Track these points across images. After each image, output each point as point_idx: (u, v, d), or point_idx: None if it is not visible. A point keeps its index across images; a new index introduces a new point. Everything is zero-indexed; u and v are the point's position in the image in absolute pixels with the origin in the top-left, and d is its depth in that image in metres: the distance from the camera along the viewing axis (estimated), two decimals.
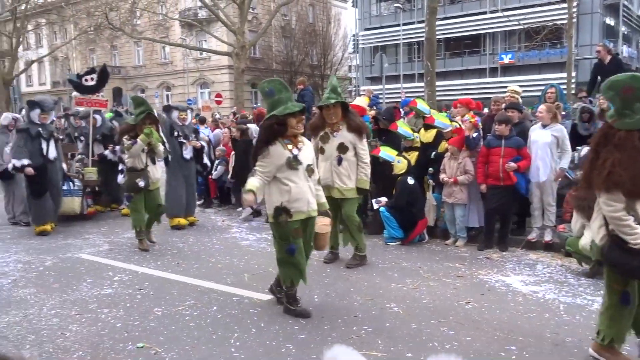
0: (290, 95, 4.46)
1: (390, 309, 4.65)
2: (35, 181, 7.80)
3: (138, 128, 6.73)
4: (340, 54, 36.35)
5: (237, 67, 21.68)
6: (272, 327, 4.28)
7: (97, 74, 9.27)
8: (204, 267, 6.10)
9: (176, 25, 33.11)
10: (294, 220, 4.35)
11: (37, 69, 40.06)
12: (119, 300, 4.98)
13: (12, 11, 25.48)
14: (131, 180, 6.75)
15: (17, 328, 4.34)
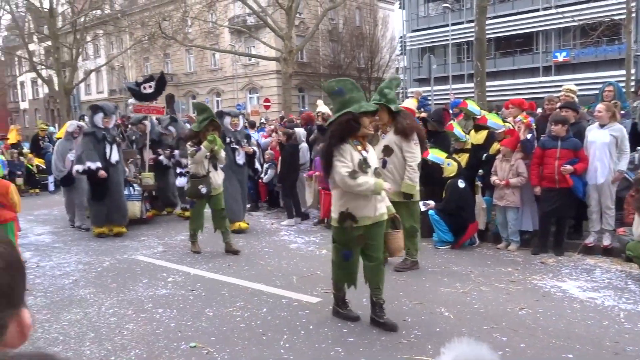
0: (362, 95, 4.30)
1: (441, 313, 4.58)
2: (98, 184, 8.00)
3: (201, 135, 6.77)
4: (388, 57, 36.14)
5: (284, 71, 21.92)
6: (321, 329, 4.30)
7: (154, 82, 9.44)
8: (253, 269, 6.19)
9: (225, 32, 33.81)
10: (359, 226, 4.18)
11: (95, 78, 41.75)
12: (173, 301, 5.12)
13: (73, 24, 26.68)
14: (194, 186, 6.81)
15: (78, 326, 4.54)
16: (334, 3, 25.67)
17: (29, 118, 49.05)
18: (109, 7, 29.85)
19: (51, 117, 42.43)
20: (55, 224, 9.51)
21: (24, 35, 28.96)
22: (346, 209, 4.17)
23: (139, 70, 39.34)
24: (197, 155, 6.69)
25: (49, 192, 13.89)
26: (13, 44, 36.61)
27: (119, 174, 8.33)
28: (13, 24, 29.80)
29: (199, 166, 6.79)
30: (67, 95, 26.03)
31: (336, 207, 4.27)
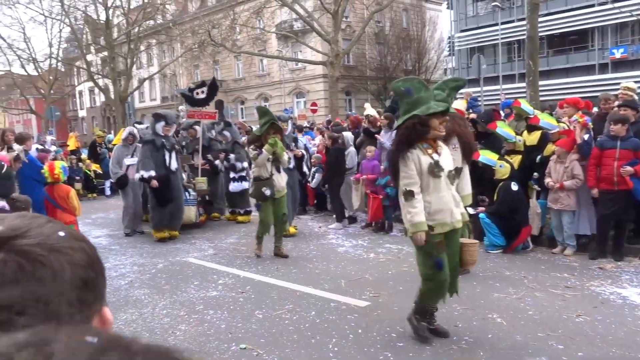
0: (432, 94, 4.07)
1: (493, 319, 4.46)
2: (160, 191, 8.14)
3: (263, 138, 6.80)
4: (436, 58, 35.66)
5: (331, 75, 21.99)
6: (369, 333, 4.27)
7: (207, 87, 9.56)
8: (302, 272, 6.22)
9: (273, 38, 34.24)
10: (436, 233, 3.92)
11: (148, 85, 43.10)
12: (223, 303, 5.22)
13: (127, 34, 27.70)
14: (258, 189, 6.84)
15: (134, 325, 4.69)
16: (381, 6, 25.58)
17: (87, 125, 51.14)
18: (161, 17, 30.80)
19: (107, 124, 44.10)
20: (111, 227, 9.86)
21: (82, 47, 30.28)
22: None
23: (189, 77, 40.38)
24: (259, 158, 6.75)
25: (106, 196, 14.43)
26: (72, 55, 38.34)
27: (179, 181, 8.51)
28: (72, 37, 31.24)
29: (262, 169, 6.82)
30: (122, 103, 27.02)
31: None
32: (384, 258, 6.72)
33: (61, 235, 0.69)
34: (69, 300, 0.66)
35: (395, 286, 5.51)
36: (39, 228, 0.69)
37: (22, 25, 31.97)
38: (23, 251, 0.65)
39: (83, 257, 0.70)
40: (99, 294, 0.73)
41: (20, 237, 0.66)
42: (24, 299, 0.63)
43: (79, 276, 0.68)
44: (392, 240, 7.69)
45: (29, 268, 0.64)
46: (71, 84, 44.71)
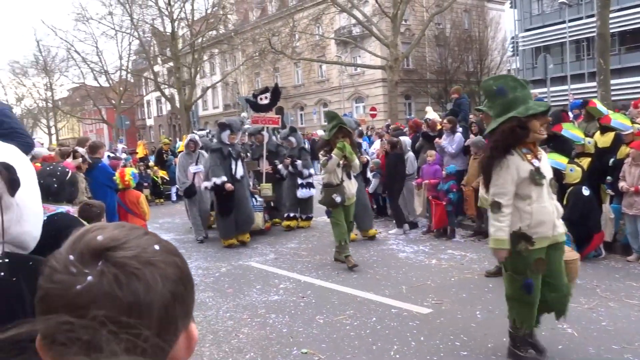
0: (529, 92, 3.65)
1: (563, 329, 4.27)
2: (224, 200, 8.15)
3: (332, 143, 6.64)
4: (499, 59, 34.69)
5: (390, 79, 21.84)
6: (432, 341, 4.19)
7: (270, 93, 9.57)
8: (362, 277, 6.20)
9: (332, 43, 34.44)
10: (536, 248, 3.50)
11: (211, 94, 44.42)
12: (285, 307, 5.28)
13: (192, 45, 28.72)
14: (328, 196, 6.65)
15: (199, 328, 4.80)
16: (441, 7, 25.19)
17: (154, 133, 53.28)
18: (223, 27, 31.70)
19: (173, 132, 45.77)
20: (177, 231, 10.20)
21: (150, 58, 31.65)
22: (518, 228, 3.50)
23: (250, 85, 41.26)
24: (329, 164, 6.55)
25: (172, 201, 14.96)
26: (141, 67, 40.14)
27: (245, 189, 8.50)
28: (141, 49, 32.72)
29: (332, 175, 6.63)
30: (187, 111, 27.96)
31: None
32: (447, 264, 6.58)
33: (156, 249, 0.71)
34: (159, 314, 0.68)
35: (459, 293, 5.39)
36: (137, 240, 0.71)
37: (95, 39, 33.74)
38: (120, 263, 0.67)
39: (175, 272, 0.72)
40: (188, 310, 0.74)
41: (119, 248, 0.68)
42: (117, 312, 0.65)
43: (169, 290, 0.69)
44: (454, 247, 7.53)
45: (124, 281, 0.66)
46: (140, 94, 46.82)
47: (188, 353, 0.76)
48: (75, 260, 0.67)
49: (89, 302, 0.65)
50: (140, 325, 0.66)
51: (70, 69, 36.49)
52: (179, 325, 0.73)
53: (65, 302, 0.66)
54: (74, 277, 0.66)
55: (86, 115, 45.89)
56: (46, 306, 0.68)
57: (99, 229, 0.72)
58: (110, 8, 29.32)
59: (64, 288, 0.66)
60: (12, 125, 2.34)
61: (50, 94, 42.07)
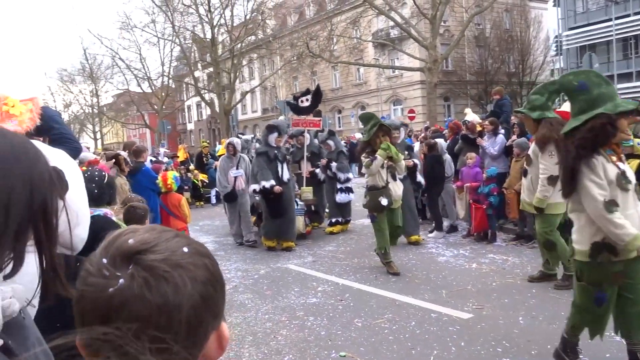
0: (614, 89, 3.40)
1: (611, 337, 4.11)
2: (274, 203, 8.07)
3: (372, 143, 6.43)
4: (541, 58, 33.86)
5: (429, 81, 21.62)
6: (473, 347, 4.12)
7: (311, 95, 9.47)
8: (401, 281, 6.15)
9: (369, 46, 34.37)
10: (619, 260, 3.23)
11: (250, 98, 44.95)
12: (323, 310, 5.28)
13: (231, 50, 29.19)
14: (373, 199, 6.35)
15: (238, 329, 4.88)
16: (481, 7, 24.79)
17: (194, 137, 54.32)
18: (262, 32, 32.08)
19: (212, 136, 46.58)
20: (217, 233, 10.36)
21: (191, 64, 32.33)
22: (602, 239, 3.23)
23: (288, 89, 41.59)
24: (373, 165, 6.29)
25: (212, 204, 15.20)
26: (182, 73, 41.03)
27: (291, 191, 8.44)
28: (182, 55, 33.46)
29: (376, 177, 6.38)
30: (227, 116, 28.41)
31: (586, 236, 3.31)
32: (487, 269, 6.46)
33: (185, 251, 0.73)
34: (188, 315, 0.70)
35: (500, 298, 5.27)
36: (166, 243, 0.73)
37: (139, 47, 34.68)
38: (149, 266, 0.69)
39: (205, 274, 0.73)
40: (218, 311, 0.76)
41: (149, 251, 0.71)
42: (147, 314, 0.67)
43: (198, 292, 0.71)
44: (495, 250, 7.38)
45: (153, 283, 0.68)
46: (180, 99, 47.84)
47: (220, 352, 0.78)
48: (108, 263, 0.70)
49: (121, 304, 0.67)
50: (170, 331, 0.68)
51: (115, 75, 37.76)
52: (209, 326, 0.74)
53: (98, 304, 0.68)
54: (107, 280, 0.69)
55: (130, 120, 47.25)
56: (81, 308, 0.71)
57: (130, 232, 0.74)
58: (153, 16, 30.17)
59: (97, 290, 0.69)
60: (61, 131, 2.43)
61: (96, 100, 43.54)
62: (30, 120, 2.09)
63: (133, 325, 0.66)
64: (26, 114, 2.08)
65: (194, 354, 0.74)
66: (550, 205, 5.31)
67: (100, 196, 2.83)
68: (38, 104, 2.19)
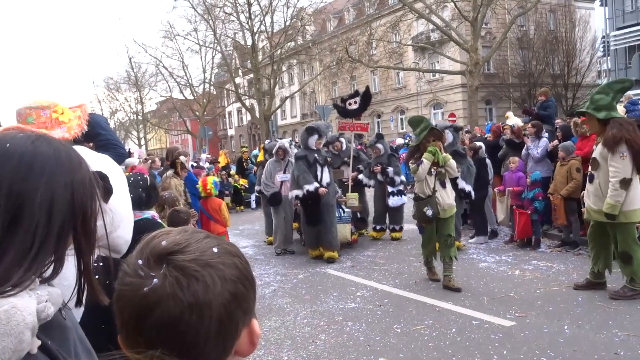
0: None
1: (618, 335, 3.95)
2: (312, 209, 7.72)
3: (422, 147, 6.01)
4: (588, 59, 32.82)
5: (470, 85, 21.27)
6: (515, 355, 4.02)
7: (360, 97, 9.03)
8: (440, 287, 6.05)
9: (409, 50, 34.12)
10: None
11: (289, 103, 45.38)
12: (362, 315, 5.26)
13: (271, 57, 29.51)
14: (419, 209, 5.94)
15: (277, 333, 4.91)
16: (524, 9, 24.27)
17: (235, 143, 55.12)
18: (302, 38, 32.31)
19: (252, 141, 47.17)
20: (256, 238, 10.46)
21: (231, 71, 32.85)
22: None
23: (327, 94, 41.71)
24: (420, 170, 5.87)
25: (252, 209, 15.38)
26: (223, 79, 41.77)
27: (331, 197, 7.89)
28: (223, 62, 34.05)
29: (423, 184, 5.94)
30: (266, 121, 28.69)
31: None
32: (531, 276, 6.29)
33: (215, 251, 0.77)
34: (219, 313, 0.73)
35: (544, 306, 5.13)
36: (197, 243, 0.77)
37: (181, 55, 35.45)
38: (180, 266, 0.73)
39: (234, 273, 0.77)
40: (249, 308, 0.79)
41: (180, 252, 0.75)
42: (179, 311, 0.71)
43: (228, 290, 0.75)
44: (539, 257, 7.18)
45: (185, 283, 0.72)
46: (221, 106, 48.67)
47: (252, 347, 0.81)
48: (143, 264, 0.75)
49: (154, 302, 0.72)
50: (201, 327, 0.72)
51: (159, 83, 38.63)
52: (239, 322, 0.77)
53: (134, 302, 0.73)
54: (142, 280, 0.73)
55: (172, 126, 48.36)
56: (119, 306, 0.75)
57: (164, 234, 0.79)
58: (195, 24, 30.77)
59: (133, 290, 0.73)
60: (108, 137, 2.51)
61: (140, 107, 44.73)
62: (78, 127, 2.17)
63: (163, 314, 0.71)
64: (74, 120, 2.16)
65: (227, 349, 0.77)
66: (628, 213, 5.05)
67: (149, 200, 2.93)
68: (86, 111, 2.27)
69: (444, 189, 5.99)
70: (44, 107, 2.13)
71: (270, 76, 29.69)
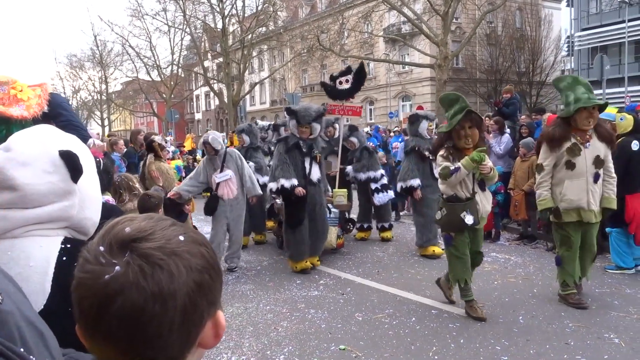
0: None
1: (609, 339, 4.13)
2: (295, 209, 6.39)
3: (455, 134, 4.60)
4: (552, 58, 33.62)
5: (439, 78, 21.52)
6: (471, 344, 4.13)
7: (352, 75, 7.66)
8: (402, 277, 6.16)
9: (380, 41, 34.24)
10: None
11: (258, 89, 44.96)
12: (324, 302, 5.31)
13: (241, 41, 29.15)
14: (453, 214, 4.59)
15: (239, 319, 4.91)
16: (493, 5, 24.64)
17: (202, 127, 54.44)
18: (273, 23, 32.01)
19: (220, 126, 46.67)
20: None
21: (201, 54, 32.34)
22: None
23: (297, 81, 41.54)
24: (454, 178, 4.50)
25: None
26: (191, 62, 41.08)
27: (322, 196, 6.65)
28: (192, 44, 33.48)
29: (458, 186, 4.64)
30: (235, 107, 28.41)
31: None
32: (490, 267, 6.46)
33: (181, 239, 0.74)
34: (183, 303, 0.71)
35: (501, 297, 5.28)
36: (162, 231, 0.74)
37: (149, 35, 34.71)
38: (145, 254, 0.70)
39: (200, 262, 0.74)
40: (214, 299, 0.77)
41: (144, 239, 0.72)
42: (143, 301, 0.69)
43: (193, 280, 0.72)
44: (498, 249, 7.37)
45: (149, 271, 0.69)
46: (189, 89, 47.95)
47: (216, 340, 0.79)
48: (105, 251, 0.72)
49: (116, 291, 0.69)
50: (165, 318, 0.70)
51: (125, 63, 37.77)
52: (204, 313, 0.75)
53: (95, 291, 0.70)
54: (103, 267, 0.70)
55: (138, 108, 47.38)
56: (78, 295, 0.72)
57: (127, 220, 0.75)
58: (165, 4, 30.19)
59: (93, 277, 0.70)
60: (69, 118, 2.44)
61: (104, 87, 43.64)
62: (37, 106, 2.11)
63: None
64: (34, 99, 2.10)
65: (190, 341, 0.75)
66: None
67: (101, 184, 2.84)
68: (47, 90, 2.21)
69: (483, 192, 4.74)
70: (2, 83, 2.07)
71: (240, 61, 29.34)
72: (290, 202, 6.39)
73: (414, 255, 7.24)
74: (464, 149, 4.59)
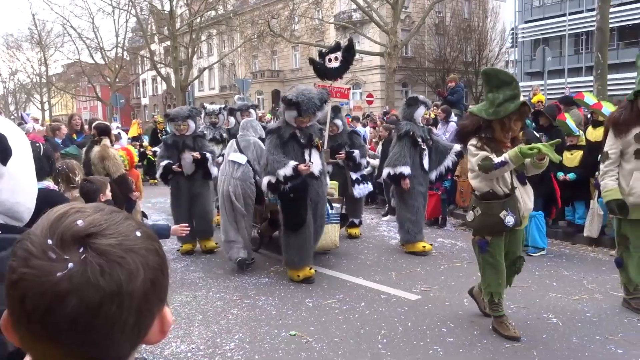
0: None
1: (548, 319, 4.34)
2: (297, 206, 5.45)
3: (501, 125, 3.83)
4: (497, 49, 34.63)
5: (388, 67, 21.77)
6: (419, 327, 4.25)
7: (342, 52, 6.83)
8: (352, 263, 6.24)
9: (331, 28, 34.23)
10: None
11: (207, 75, 44.16)
12: (275, 289, 5.31)
13: (190, 24, 28.45)
14: (489, 214, 3.85)
15: (188, 307, 4.85)
16: None
17: (149, 113, 52.97)
18: (223, 7, 31.40)
19: None
20: (168, 212, 10.14)
21: (147, 37, 31.35)
22: None
23: (247, 67, 41.02)
24: (496, 172, 3.74)
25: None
26: (137, 45, 39.77)
27: (324, 189, 5.81)
28: (138, 27, 32.43)
29: (495, 181, 3.87)
30: (183, 92, 27.78)
31: None
32: (437, 252, 6.64)
33: (138, 236, 0.70)
34: (139, 302, 0.68)
35: (447, 281, 5.45)
36: (117, 226, 0.69)
37: (92, 15, 33.40)
38: (103, 251, 0.66)
39: (156, 260, 0.71)
40: (164, 296, 0.74)
41: (100, 235, 0.67)
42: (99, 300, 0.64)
43: (150, 278, 0.69)
44: (445, 235, 7.59)
45: (108, 270, 0.65)
46: (135, 73, 46.42)
47: (161, 336, 0.76)
48: (55, 245, 0.65)
49: (69, 291, 0.63)
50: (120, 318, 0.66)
51: (66, 44, 36.36)
52: (155, 312, 0.72)
53: (43, 290, 0.63)
54: (52, 264, 0.64)
55: (80, 92, 45.55)
56: (21, 291, 0.65)
57: (77, 212, 0.69)
58: None
59: (41, 274, 0.64)
60: None
61: (44, 69, 41.70)
62: None
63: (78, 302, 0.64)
64: None
65: (139, 340, 0.72)
66: None
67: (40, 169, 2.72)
68: None
69: (523, 186, 3.96)
70: None
71: (188, 45, 28.66)
72: (289, 199, 5.43)
73: (364, 241, 7.35)
74: (501, 141, 3.88)
